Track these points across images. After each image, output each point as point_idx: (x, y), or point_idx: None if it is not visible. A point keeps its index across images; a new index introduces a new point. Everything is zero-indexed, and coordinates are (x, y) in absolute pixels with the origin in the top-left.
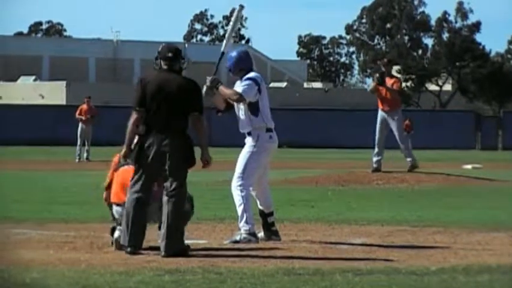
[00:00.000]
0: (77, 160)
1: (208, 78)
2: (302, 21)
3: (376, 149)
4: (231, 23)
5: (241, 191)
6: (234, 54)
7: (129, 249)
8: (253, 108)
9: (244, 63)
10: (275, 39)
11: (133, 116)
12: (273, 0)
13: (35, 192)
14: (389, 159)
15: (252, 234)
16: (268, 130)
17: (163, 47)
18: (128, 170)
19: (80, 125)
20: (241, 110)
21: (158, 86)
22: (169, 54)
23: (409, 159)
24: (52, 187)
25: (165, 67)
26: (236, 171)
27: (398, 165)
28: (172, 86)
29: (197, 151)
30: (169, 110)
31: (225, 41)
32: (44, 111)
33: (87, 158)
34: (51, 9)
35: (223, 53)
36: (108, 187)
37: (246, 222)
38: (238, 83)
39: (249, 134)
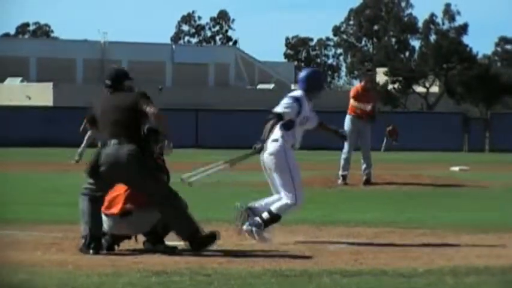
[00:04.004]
0: (75, 161)
1: (256, 147)
2: (289, 22)
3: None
4: (211, 170)
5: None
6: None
7: (91, 252)
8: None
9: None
10: (262, 40)
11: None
12: (260, 2)
13: (23, 193)
14: (378, 161)
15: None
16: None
17: (106, 74)
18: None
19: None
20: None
21: (101, 105)
22: (108, 82)
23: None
24: (40, 188)
25: (108, 93)
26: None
27: (386, 166)
28: (114, 100)
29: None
30: (113, 122)
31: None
32: (31, 113)
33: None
34: (39, 10)
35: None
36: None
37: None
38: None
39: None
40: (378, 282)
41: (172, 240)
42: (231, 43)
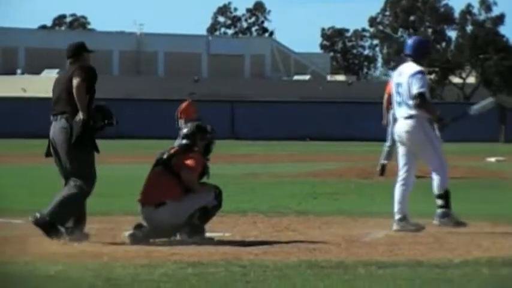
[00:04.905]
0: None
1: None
2: (325, 13)
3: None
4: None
5: None
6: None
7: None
8: None
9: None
10: (298, 32)
11: None
12: None
13: (59, 185)
14: None
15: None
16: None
17: None
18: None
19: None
20: None
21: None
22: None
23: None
24: None
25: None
26: None
27: None
28: (61, 75)
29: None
30: (55, 97)
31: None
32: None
33: None
34: (75, 2)
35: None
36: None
37: None
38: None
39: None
40: (413, 273)
41: (209, 231)
42: (267, 34)
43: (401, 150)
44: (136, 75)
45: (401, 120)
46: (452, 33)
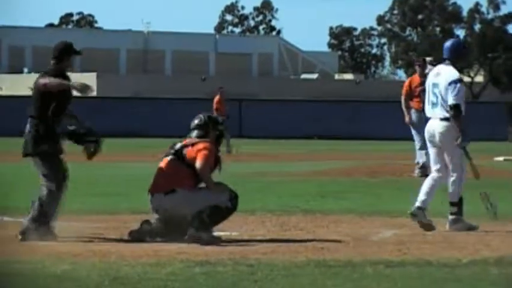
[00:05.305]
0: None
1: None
2: (333, 12)
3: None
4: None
5: None
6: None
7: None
8: None
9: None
10: (306, 30)
11: None
12: None
13: None
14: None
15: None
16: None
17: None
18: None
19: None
20: None
21: None
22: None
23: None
24: (82, 178)
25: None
26: None
27: None
28: (36, 79)
29: None
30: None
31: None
32: (75, 103)
33: (228, 152)
34: (83, 0)
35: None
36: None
37: None
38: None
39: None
40: (422, 273)
41: (216, 230)
42: (274, 33)
43: (433, 150)
44: (144, 74)
45: (436, 121)
46: (460, 32)
